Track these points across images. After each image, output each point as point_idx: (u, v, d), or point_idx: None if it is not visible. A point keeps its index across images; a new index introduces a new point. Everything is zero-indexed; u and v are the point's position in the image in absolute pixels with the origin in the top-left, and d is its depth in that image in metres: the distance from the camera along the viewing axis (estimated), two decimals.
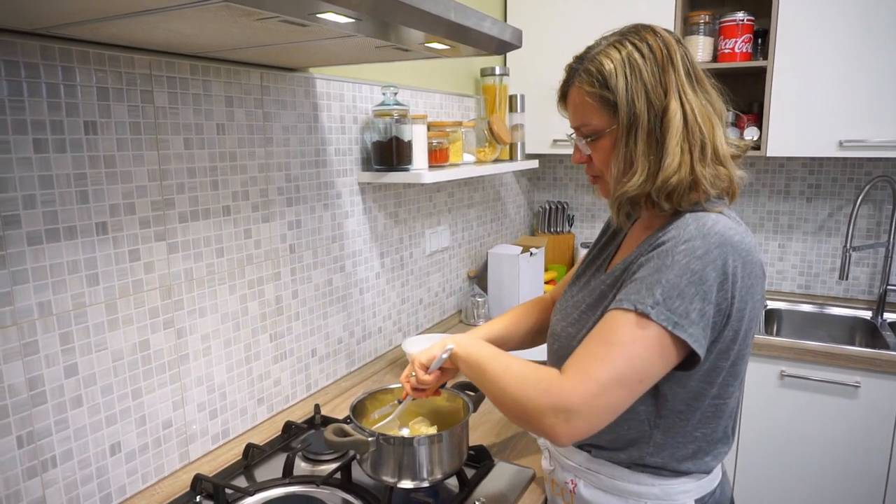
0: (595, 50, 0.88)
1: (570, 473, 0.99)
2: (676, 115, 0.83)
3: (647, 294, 0.78)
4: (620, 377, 0.77)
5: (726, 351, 0.84)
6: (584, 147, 0.92)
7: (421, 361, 1.02)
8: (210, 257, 1.19)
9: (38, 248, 0.91)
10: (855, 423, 1.80)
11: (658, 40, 0.86)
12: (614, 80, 0.84)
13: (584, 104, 0.88)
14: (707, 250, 0.78)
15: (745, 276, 0.81)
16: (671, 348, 0.78)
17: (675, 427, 0.88)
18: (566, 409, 0.77)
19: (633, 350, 0.77)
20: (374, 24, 0.86)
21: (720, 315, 0.80)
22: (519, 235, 2.65)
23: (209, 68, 1.15)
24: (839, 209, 2.27)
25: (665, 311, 0.77)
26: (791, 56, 1.94)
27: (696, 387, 0.86)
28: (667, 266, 0.79)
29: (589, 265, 1.05)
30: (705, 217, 0.82)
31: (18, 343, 0.89)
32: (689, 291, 0.77)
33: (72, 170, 0.94)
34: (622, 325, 0.79)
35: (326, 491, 1.08)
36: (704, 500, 0.92)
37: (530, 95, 2.22)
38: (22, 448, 0.91)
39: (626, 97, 0.84)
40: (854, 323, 2.16)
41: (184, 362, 1.16)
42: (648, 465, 0.90)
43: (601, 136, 0.88)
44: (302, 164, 1.40)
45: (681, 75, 0.85)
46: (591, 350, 0.80)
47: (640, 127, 0.84)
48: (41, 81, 0.89)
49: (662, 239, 0.83)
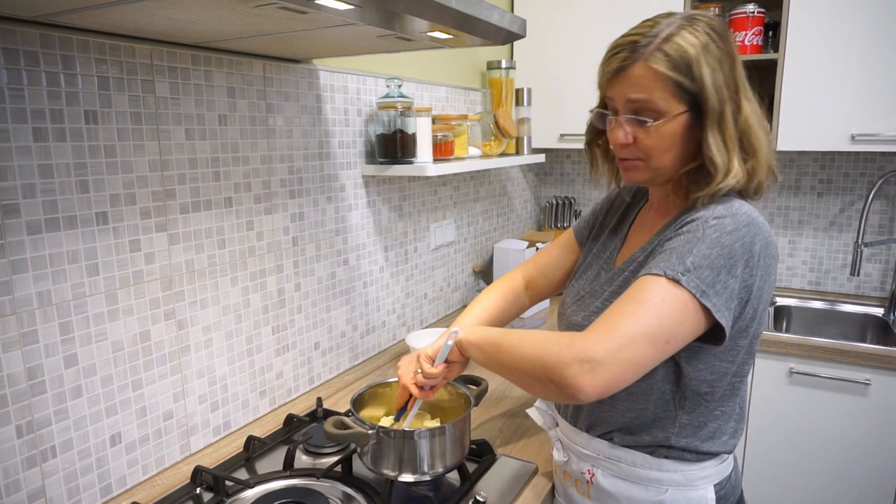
0: (666, 30, 0.83)
1: (587, 463, 0.98)
2: (751, 110, 0.85)
3: (677, 262, 0.79)
4: (648, 333, 0.76)
5: (745, 329, 0.85)
6: (633, 129, 0.86)
7: (427, 353, 1.01)
8: (212, 249, 1.19)
9: (37, 237, 0.90)
10: (865, 420, 1.77)
11: (725, 33, 0.85)
12: (698, 68, 0.81)
13: (655, 84, 0.83)
14: (736, 227, 0.80)
15: (766, 256, 0.82)
16: (700, 315, 0.78)
17: (699, 408, 0.89)
18: (590, 359, 0.75)
19: (663, 309, 0.77)
20: (377, 13, 0.85)
21: (744, 291, 0.81)
22: (525, 230, 2.64)
23: (211, 59, 1.14)
24: (851, 204, 2.24)
25: (695, 279, 0.77)
26: (803, 48, 1.91)
27: (718, 367, 0.86)
28: (698, 238, 0.80)
29: (596, 256, 1.04)
30: (732, 200, 0.84)
31: (18, 332, 0.89)
32: (718, 264, 0.78)
33: (72, 159, 0.94)
34: (651, 286, 0.79)
35: (327, 484, 1.08)
36: (722, 485, 0.92)
37: (537, 89, 2.21)
38: (21, 438, 0.91)
39: (713, 86, 0.82)
40: (865, 320, 2.13)
41: (185, 354, 1.15)
42: (674, 447, 0.90)
43: (667, 121, 0.84)
44: (305, 157, 1.39)
45: (741, 71, 0.86)
46: (618, 308, 0.79)
47: (725, 118, 0.83)
48: (41, 70, 0.89)
49: (691, 218, 0.83)
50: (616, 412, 0.92)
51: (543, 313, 2.06)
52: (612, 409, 0.92)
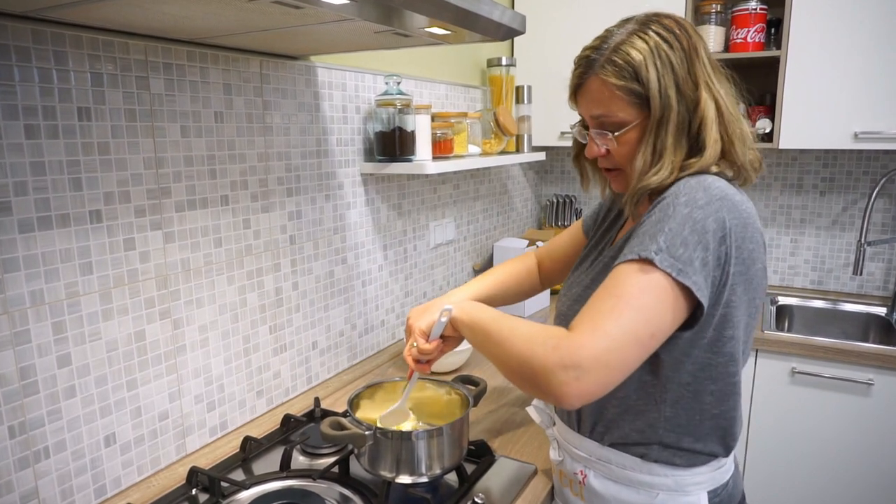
0: (615, 39, 0.85)
1: (579, 464, 0.96)
2: (709, 106, 0.82)
3: (650, 242, 0.76)
4: (632, 330, 0.74)
5: (729, 318, 0.81)
6: (603, 141, 0.89)
7: (421, 329, 1.00)
8: (208, 247, 1.17)
9: (29, 235, 0.89)
10: (868, 421, 1.76)
11: (682, 30, 0.84)
12: (645, 73, 0.82)
13: (610, 96, 0.85)
14: (709, 201, 0.78)
15: (745, 238, 0.79)
16: (679, 298, 0.76)
17: (684, 400, 0.86)
18: (576, 366, 0.72)
19: (642, 300, 0.74)
20: (374, 8, 0.84)
21: (719, 269, 0.77)
22: (525, 229, 2.62)
23: (207, 55, 1.13)
24: (853, 203, 2.22)
25: (669, 258, 0.75)
26: (805, 45, 1.90)
27: (700, 357, 0.83)
28: (668, 216, 0.77)
29: (592, 249, 1.03)
30: (705, 176, 0.82)
31: (10, 332, 0.88)
32: (691, 239, 0.75)
33: (65, 156, 0.92)
34: (627, 276, 0.76)
35: (323, 485, 1.07)
36: (717, 492, 0.90)
37: (538, 86, 2.19)
38: (14, 438, 0.90)
39: (659, 90, 0.82)
40: (868, 319, 2.12)
41: (180, 353, 1.14)
42: (665, 444, 0.88)
43: (627, 130, 0.86)
44: (303, 154, 1.37)
45: (706, 65, 0.84)
46: (598, 305, 0.77)
47: (671, 120, 0.82)
48: (32, 66, 0.88)
49: (663, 196, 0.81)
50: (598, 403, 0.90)
51: (544, 312, 2.05)
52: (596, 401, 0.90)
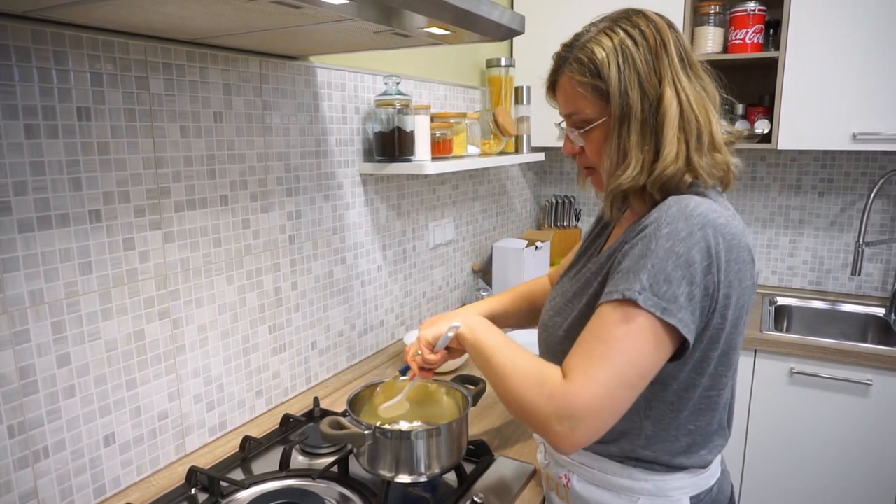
0: (585, 37, 0.85)
1: (563, 468, 0.97)
2: (672, 103, 0.80)
3: (633, 280, 0.76)
4: (621, 375, 0.75)
5: (715, 340, 0.81)
6: (576, 138, 0.90)
7: (427, 339, 1.00)
8: (207, 247, 1.17)
9: (29, 235, 0.89)
10: (866, 421, 1.76)
11: (650, 26, 0.83)
12: (606, 70, 0.82)
13: (576, 94, 0.86)
14: (690, 232, 0.75)
15: (732, 260, 0.77)
16: (664, 336, 0.75)
17: (666, 419, 0.86)
18: (570, 417, 0.74)
19: (629, 344, 0.75)
20: (373, 8, 0.84)
21: (707, 299, 0.77)
22: (525, 229, 2.63)
23: (206, 55, 1.13)
24: (852, 204, 2.23)
25: (652, 297, 0.74)
26: (804, 46, 1.90)
27: (686, 377, 0.83)
28: (651, 251, 0.76)
29: (580, 256, 1.03)
30: (688, 199, 0.79)
31: (9, 331, 0.88)
32: (675, 275, 0.74)
33: (64, 156, 0.92)
34: (613, 319, 0.76)
35: (323, 485, 1.07)
36: (700, 498, 0.90)
37: (537, 87, 2.19)
38: (13, 438, 0.90)
39: (620, 87, 0.81)
40: (866, 320, 2.12)
41: (180, 353, 1.14)
42: (641, 459, 0.88)
43: (594, 127, 0.86)
44: (302, 154, 1.38)
45: (674, 62, 0.82)
46: (587, 350, 0.77)
47: (634, 117, 0.81)
48: (32, 66, 0.88)
49: (645, 223, 0.80)
50: None
51: None
52: None
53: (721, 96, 0.87)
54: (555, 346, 0.92)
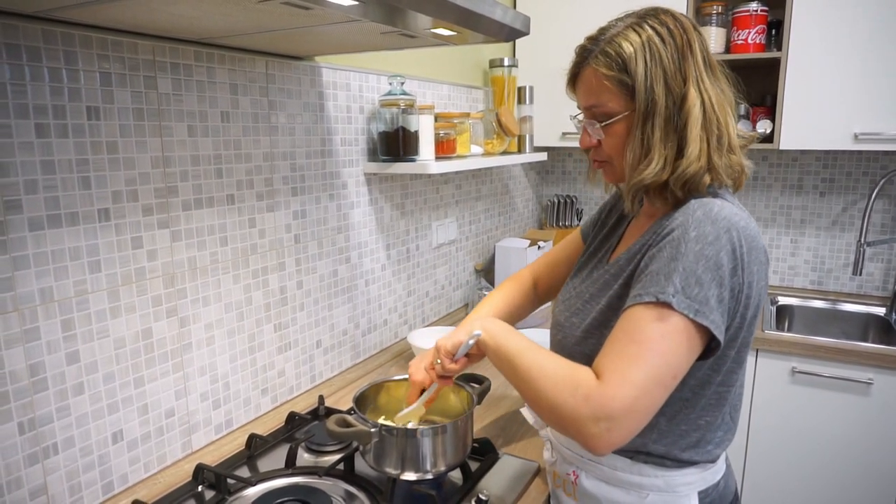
0: (612, 31, 0.86)
1: (571, 465, 0.97)
2: (696, 103, 0.82)
3: (666, 283, 0.77)
4: (657, 376, 0.75)
5: (734, 338, 0.83)
6: (595, 131, 0.90)
7: (447, 349, 0.99)
8: (214, 246, 1.18)
9: (39, 233, 0.90)
10: (867, 420, 1.77)
11: (678, 25, 0.84)
12: (634, 65, 0.83)
13: (601, 86, 0.86)
14: (717, 235, 0.77)
15: (752, 261, 0.80)
16: (696, 338, 0.77)
17: (680, 415, 0.87)
18: (608, 418, 0.74)
19: (664, 346, 0.76)
20: (381, 9, 0.85)
21: (733, 300, 0.79)
22: (527, 229, 2.63)
23: (214, 55, 1.14)
24: (853, 204, 2.23)
25: (685, 300, 0.76)
26: (805, 47, 1.91)
27: (703, 375, 0.85)
28: (681, 254, 0.77)
29: (591, 256, 1.03)
30: (711, 203, 0.81)
31: (20, 329, 0.89)
32: (706, 278, 0.76)
33: (74, 155, 0.93)
34: (647, 321, 0.77)
35: (329, 482, 1.08)
36: (707, 493, 0.90)
37: (539, 87, 2.20)
38: (23, 435, 0.90)
39: (646, 83, 0.82)
40: (867, 319, 2.13)
41: (187, 351, 1.15)
42: (651, 454, 0.89)
43: (616, 121, 0.87)
44: (307, 154, 1.38)
45: (699, 62, 0.84)
46: (620, 350, 0.78)
47: (658, 114, 0.83)
48: (43, 66, 0.89)
49: (670, 227, 0.81)
50: None
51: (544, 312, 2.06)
52: None
53: (736, 99, 0.88)
54: (571, 346, 0.93)
